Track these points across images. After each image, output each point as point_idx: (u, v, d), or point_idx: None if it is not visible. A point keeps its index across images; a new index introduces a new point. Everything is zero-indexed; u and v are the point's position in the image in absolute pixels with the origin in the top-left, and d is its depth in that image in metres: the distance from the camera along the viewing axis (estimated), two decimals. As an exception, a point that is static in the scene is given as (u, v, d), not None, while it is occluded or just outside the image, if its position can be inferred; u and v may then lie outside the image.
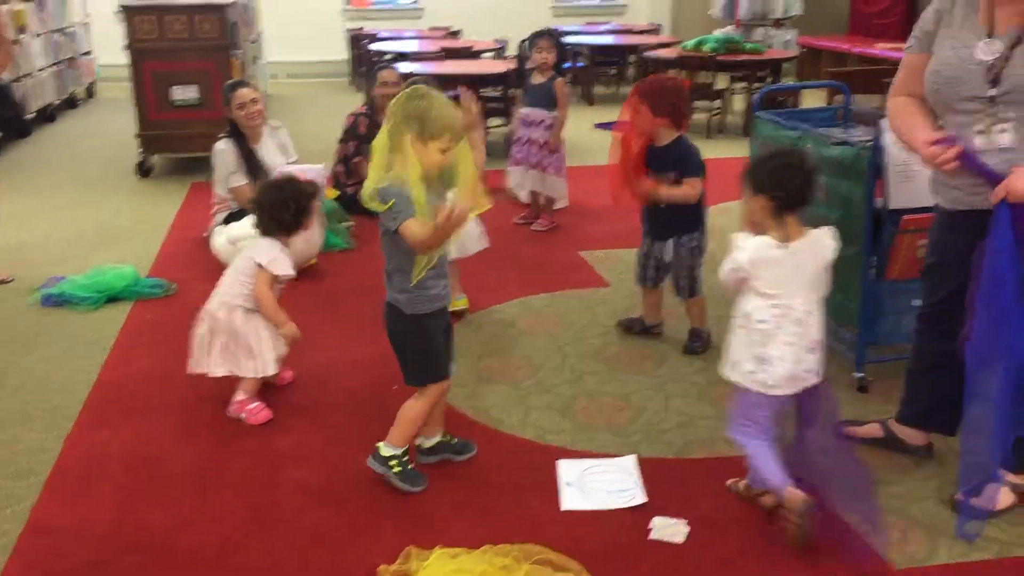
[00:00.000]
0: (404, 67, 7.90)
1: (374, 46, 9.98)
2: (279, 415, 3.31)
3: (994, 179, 2.44)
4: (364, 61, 10.34)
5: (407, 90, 2.61)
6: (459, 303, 4.15)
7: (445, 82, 7.48)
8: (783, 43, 11.95)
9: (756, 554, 2.51)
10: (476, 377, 3.60)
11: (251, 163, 5.06)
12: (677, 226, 3.77)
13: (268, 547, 2.57)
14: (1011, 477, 2.68)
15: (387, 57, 9.19)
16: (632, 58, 11.26)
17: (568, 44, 11.13)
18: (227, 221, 4.98)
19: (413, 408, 2.81)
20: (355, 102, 5.76)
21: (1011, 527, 2.63)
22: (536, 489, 2.84)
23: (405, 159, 2.55)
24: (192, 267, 4.92)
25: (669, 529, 2.63)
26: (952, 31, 2.57)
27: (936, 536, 2.59)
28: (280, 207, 3.33)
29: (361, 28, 12.07)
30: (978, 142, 2.48)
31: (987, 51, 2.45)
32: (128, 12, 6.73)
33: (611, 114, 9.80)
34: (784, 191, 2.48)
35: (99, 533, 2.64)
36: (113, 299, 4.41)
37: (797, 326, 2.51)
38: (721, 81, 9.09)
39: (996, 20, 2.47)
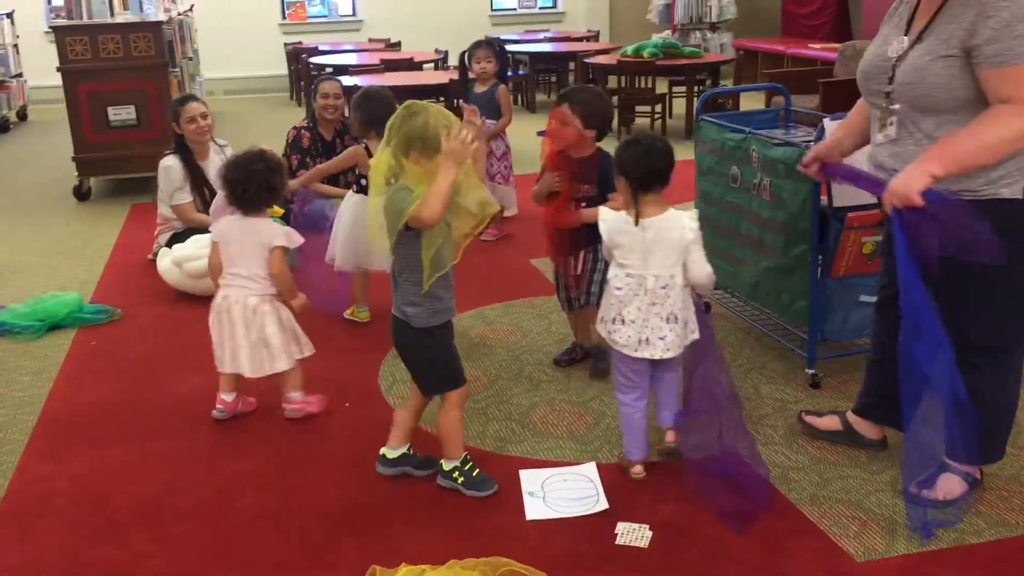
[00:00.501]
0: (345, 80, 7.86)
1: (313, 60, 9.91)
2: (233, 441, 3.24)
3: (871, 186, 2.53)
4: (303, 75, 10.26)
5: (402, 109, 2.60)
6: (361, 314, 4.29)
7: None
8: (719, 46, 12.13)
9: (721, 558, 2.52)
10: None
11: (197, 180, 5.00)
12: (591, 237, 3.54)
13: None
14: (960, 466, 2.71)
15: (328, 70, 9.13)
16: (572, 65, 11.32)
17: (510, 52, 11.18)
18: (171, 242, 4.89)
19: (446, 419, 2.83)
20: (296, 116, 5.70)
21: (969, 516, 2.68)
22: (499, 501, 2.82)
23: (410, 177, 2.60)
24: (136, 291, 4.82)
25: (633, 534, 2.63)
26: (886, 28, 2.64)
27: (894, 528, 2.63)
28: (266, 176, 3.22)
29: (300, 42, 11.99)
30: (879, 137, 2.57)
31: (895, 48, 2.50)
32: (59, 33, 6.58)
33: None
34: (638, 173, 2.75)
35: (50, 573, 2.56)
36: (56, 327, 4.30)
37: (651, 296, 2.76)
38: (661, 86, 9.18)
39: (916, 18, 2.52)
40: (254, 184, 3.21)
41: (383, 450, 2.96)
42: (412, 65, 9.29)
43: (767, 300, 3.76)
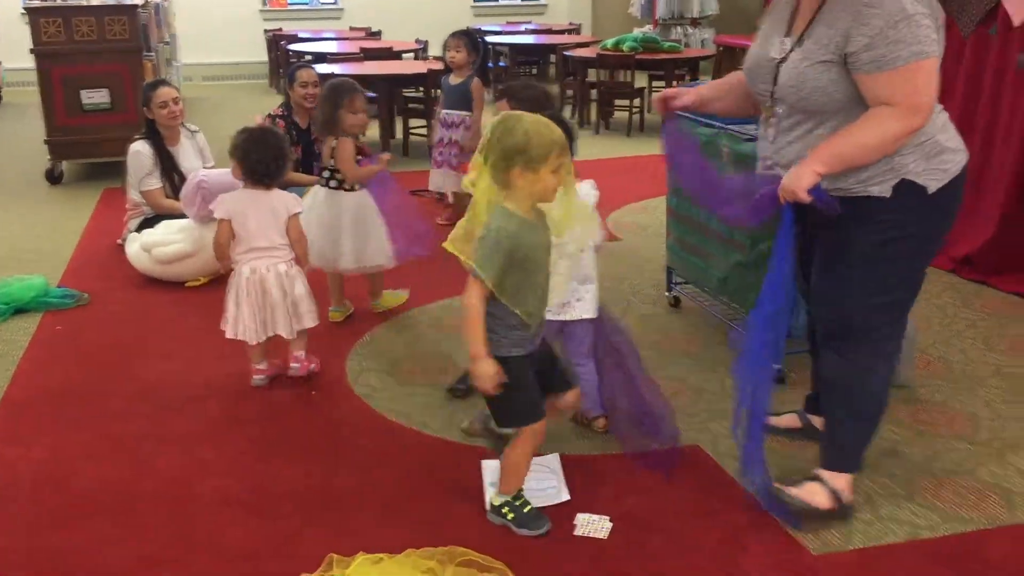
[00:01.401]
0: (323, 68, 7.82)
1: (293, 47, 9.84)
2: (197, 427, 3.23)
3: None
4: (283, 63, 10.19)
5: (499, 123, 2.39)
6: (398, 298, 4.25)
7: (363, 84, 7.42)
8: (700, 42, 12.16)
9: (680, 549, 2.54)
10: (400, 380, 3.57)
11: (167, 165, 4.96)
12: None
13: (189, 563, 2.51)
14: (827, 476, 2.68)
15: (307, 58, 9.07)
16: (552, 57, 11.31)
17: (489, 44, 11.15)
18: (141, 228, 4.86)
19: (514, 452, 2.63)
20: (275, 104, 5.66)
21: (923, 510, 2.71)
22: (461, 491, 2.82)
23: (518, 194, 2.41)
24: (105, 276, 4.78)
25: (593, 525, 2.64)
26: (767, 26, 2.66)
27: (851, 523, 2.65)
28: (281, 149, 3.44)
29: (280, 29, 11.90)
30: (763, 132, 2.62)
31: (778, 49, 2.53)
32: (33, 14, 6.51)
33: (533, 113, 9.85)
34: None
35: (12, 559, 2.54)
36: (21, 311, 4.26)
37: (569, 260, 2.80)
38: (640, 79, 9.19)
39: (796, 19, 2.53)
40: (272, 158, 3.39)
41: (490, 497, 2.71)
42: (392, 54, 9.24)
43: (735, 295, 3.78)
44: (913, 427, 3.20)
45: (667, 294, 4.37)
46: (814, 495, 2.65)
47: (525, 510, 2.63)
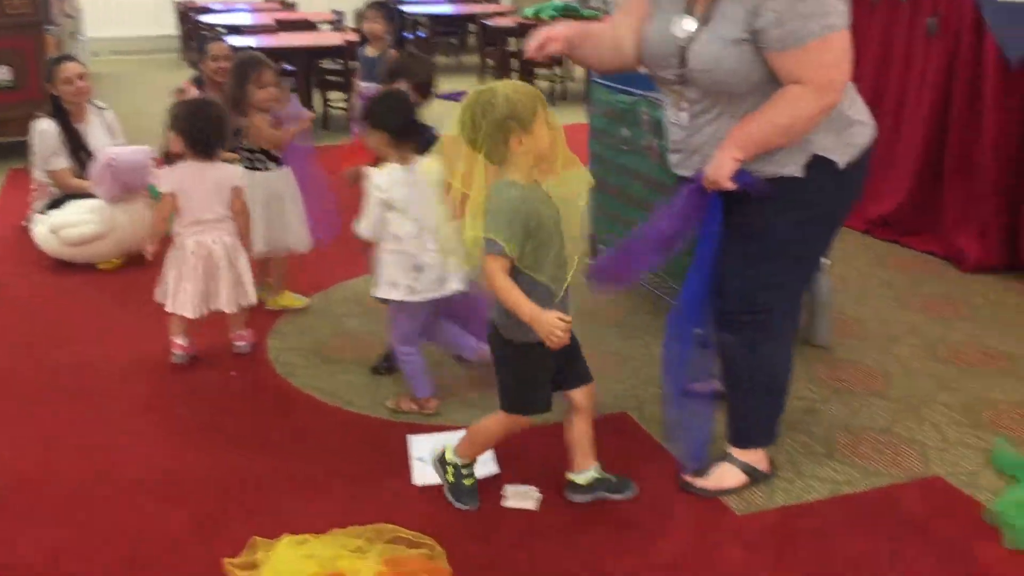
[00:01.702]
0: (237, 41, 7.61)
1: (204, 18, 9.56)
2: (113, 413, 3.13)
3: None
4: (194, 35, 9.89)
5: (473, 103, 2.27)
6: (297, 301, 4.00)
7: (278, 57, 7.25)
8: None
9: (607, 518, 2.55)
10: (324, 357, 3.51)
11: (75, 144, 4.77)
12: None
13: (106, 552, 2.43)
14: (737, 453, 2.69)
15: (221, 31, 8.81)
16: (472, 27, 11.21)
17: (408, 14, 10.99)
18: (49, 209, 4.67)
19: (487, 427, 2.57)
20: (186, 78, 5.49)
21: (843, 467, 2.78)
22: (389, 468, 2.79)
23: (519, 164, 2.30)
24: (10, 259, 4.60)
25: (522, 497, 2.64)
26: (664, 3, 2.51)
27: (773, 481, 2.70)
28: (222, 120, 3.37)
29: (191, 0, 11.53)
30: (674, 116, 2.51)
31: (681, 29, 2.41)
32: (-74, -13, 6.18)
33: (454, 84, 9.76)
34: (399, 124, 2.96)
35: (-87, 554, 2.43)
36: (-78, 299, 4.08)
37: (434, 234, 2.84)
38: (561, 48, 9.15)
39: None
40: (214, 127, 3.34)
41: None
42: (308, 25, 9.04)
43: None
44: (831, 385, 3.27)
45: (591, 262, 4.37)
46: (723, 480, 2.65)
47: (465, 481, 2.61)
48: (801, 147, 2.36)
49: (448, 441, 2.70)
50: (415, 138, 2.98)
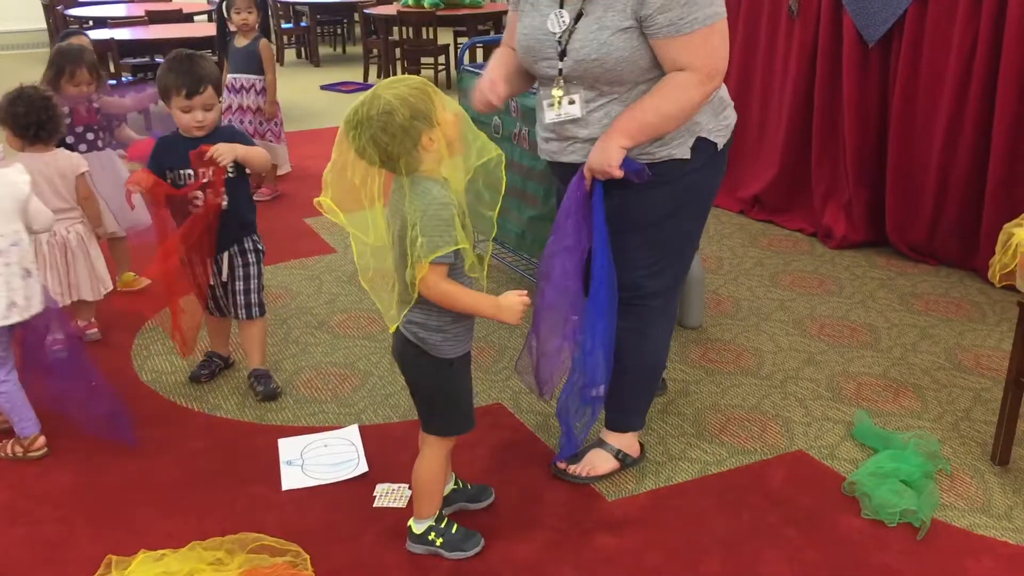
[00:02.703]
0: (103, 34, 7.31)
1: (72, 12, 9.15)
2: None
3: None
4: (62, 29, 9.45)
5: (363, 118, 2.01)
6: (139, 282, 4.03)
7: (148, 50, 6.98)
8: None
9: (478, 511, 2.53)
10: (190, 361, 3.39)
11: None
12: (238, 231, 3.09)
13: (-55, 582, 2.30)
14: (611, 438, 2.71)
15: (88, 24, 8.45)
16: (356, 16, 11.04)
17: (290, 3, 10.75)
18: None
19: (428, 468, 2.33)
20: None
21: (711, 447, 2.82)
22: (256, 474, 2.71)
23: (428, 163, 2.07)
24: None
25: (392, 495, 2.60)
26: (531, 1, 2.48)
27: (644, 465, 2.72)
28: (52, 105, 3.25)
29: (57, -7, 11.02)
30: (549, 115, 2.45)
31: (556, 23, 2.38)
32: None
33: (340, 75, 9.60)
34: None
35: None
36: None
37: (4, 257, 2.64)
38: (444, 36, 9.09)
39: None
40: (45, 115, 3.23)
41: (409, 524, 2.41)
42: (181, 16, 8.74)
43: (533, 249, 3.79)
44: (702, 366, 3.31)
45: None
46: (596, 466, 2.66)
47: (453, 531, 2.38)
48: (689, 129, 2.38)
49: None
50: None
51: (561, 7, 2.37)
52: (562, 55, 2.37)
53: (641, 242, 2.47)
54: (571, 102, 2.42)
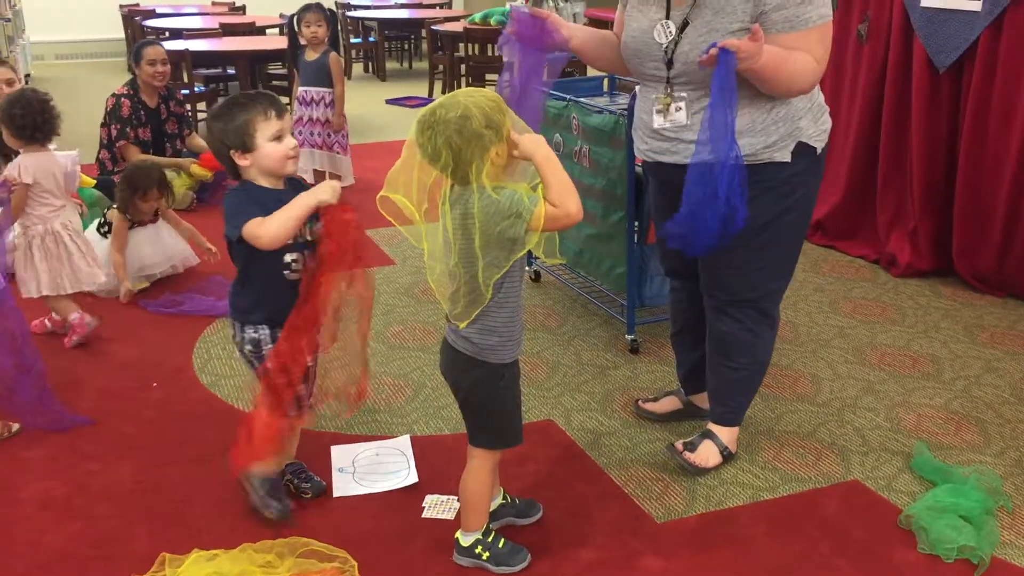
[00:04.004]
0: (178, 45, 7.51)
1: (149, 23, 9.42)
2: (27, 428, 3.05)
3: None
4: (138, 39, 9.75)
5: (444, 117, 2.00)
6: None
7: (223, 59, 7.14)
8: (572, 16, 12.17)
9: (526, 527, 2.52)
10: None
11: (2, 147, 4.67)
12: None
13: (6, 571, 2.35)
14: (721, 432, 2.78)
15: (165, 35, 8.70)
16: (423, 32, 11.16)
17: (358, 18, 10.93)
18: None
19: (475, 481, 2.32)
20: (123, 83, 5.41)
21: (764, 472, 2.77)
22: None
23: (490, 178, 2.05)
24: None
25: (441, 506, 2.61)
26: (638, 4, 2.55)
27: (695, 488, 2.69)
28: (46, 104, 3.45)
29: (136, 3, 11.36)
30: (656, 120, 2.51)
31: (662, 33, 2.46)
32: None
33: (404, 90, 9.72)
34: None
35: None
36: None
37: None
38: (510, 53, 9.14)
39: None
40: (41, 118, 3.42)
41: (457, 537, 2.40)
42: (254, 30, 8.95)
43: (589, 267, 3.79)
44: (759, 391, 3.26)
45: (527, 268, 4.36)
46: (709, 459, 2.75)
47: (500, 545, 2.36)
48: (791, 134, 2.44)
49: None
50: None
51: (667, 16, 2.45)
52: (669, 63, 2.45)
53: (749, 246, 2.52)
54: (678, 109, 2.49)
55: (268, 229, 2.26)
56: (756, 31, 2.22)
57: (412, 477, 2.74)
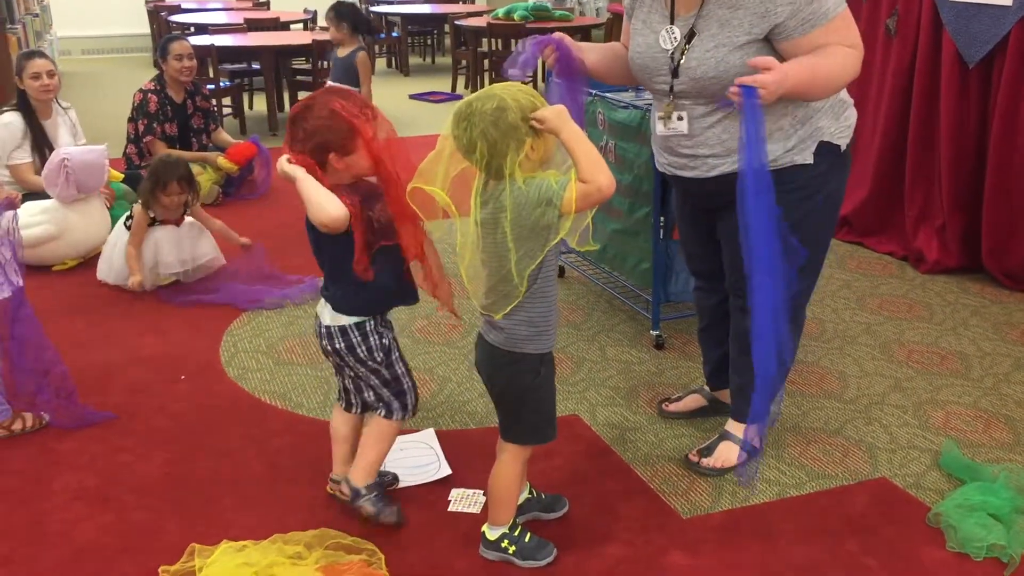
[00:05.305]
0: (203, 40, 7.55)
1: (175, 18, 9.48)
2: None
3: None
4: (165, 34, 9.81)
5: (481, 109, 2.01)
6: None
7: (247, 54, 7.16)
8: (595, 10, 12.16)
9: (551, 523, 2.53)
10: (275, 360, 3.48)
11: (39, 139, 4.73)
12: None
13: (38, 561, 2.39)
14: (740, 430, 2.73)
15: (190, 30, 8.75)
16: (446, 27, 11.17)
17: (381, 14, 10.95)
18: (4, 210, 4.61)
19: (505, 475, 2.33)
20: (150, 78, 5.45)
21: (791, 469, 2.77)
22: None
23: (526, 171, 2.05)
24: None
25: (467, 500, 2.62)
26: (644, 12, 2.54)
27: (721, 483, 2.69)
28: None
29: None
30: (659, 128, 2.53)
31: (667, 39, 2.43)
32: None
33: (428, 85, 9.73)
34: None
35: None
36: None
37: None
38: (533, 48, 9.13)
39: (677, 4, 2.44)
40: None
41: (483, 531, 2.41)
42: (278, 25, 8.98)
43: (614, 263, 3.79)
44: (785, 388, 3.25)
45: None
46: (729, 459, 2.71)
47: (526, 539, 2.36)
48: (811, 135, 2.42)
49: (481, 513, 2.56)
50: None
51: (672, 23, 2.42)
52: (675, 72, 2.42)
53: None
54: (680, 118, 2.47)
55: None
56: (770, 63, 2.16)
57: (444, 469, 2.75)
